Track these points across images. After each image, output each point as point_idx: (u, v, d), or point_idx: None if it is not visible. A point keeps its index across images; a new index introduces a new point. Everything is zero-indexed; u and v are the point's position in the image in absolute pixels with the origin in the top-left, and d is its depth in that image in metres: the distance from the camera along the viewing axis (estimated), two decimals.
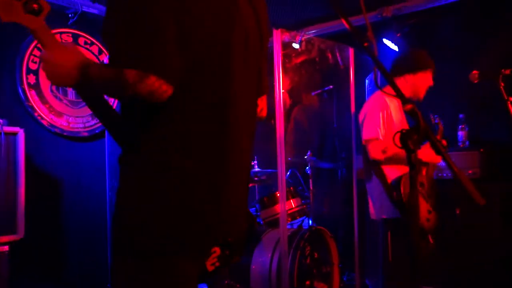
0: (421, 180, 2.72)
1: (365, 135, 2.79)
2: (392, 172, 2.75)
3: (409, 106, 1.36)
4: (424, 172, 2.79)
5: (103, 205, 4.10)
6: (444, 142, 2.82)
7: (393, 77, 2.68)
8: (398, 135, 1.38)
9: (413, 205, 1.44)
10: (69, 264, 3.92)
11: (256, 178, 4.07)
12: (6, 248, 3.02)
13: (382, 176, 2.76)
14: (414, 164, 1.38)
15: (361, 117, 2.89)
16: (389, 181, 2.74)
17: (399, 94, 1.43)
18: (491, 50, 3.76)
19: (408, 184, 2.54)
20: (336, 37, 4.30)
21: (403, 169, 2.72)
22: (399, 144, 1.40)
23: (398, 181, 2.65)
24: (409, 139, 1.37)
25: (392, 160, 2.71)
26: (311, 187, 4.00)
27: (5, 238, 3.00)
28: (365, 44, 1.47)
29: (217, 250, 1.41)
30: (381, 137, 2.73)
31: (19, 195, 3.09)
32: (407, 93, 2.86)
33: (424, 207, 2.70)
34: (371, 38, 1.49)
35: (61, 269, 3.89)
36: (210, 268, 1.41)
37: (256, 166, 4.24)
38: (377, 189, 2.82)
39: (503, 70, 2.50)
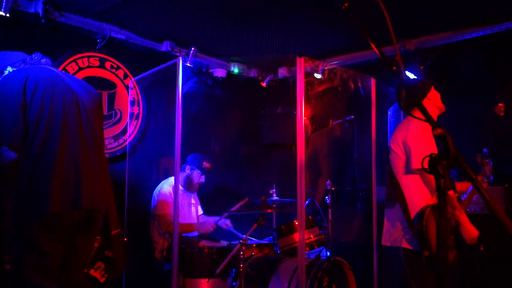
0: (447, 214, 2.65)
1: (419, 162, 2.69)
2: (416, 201, 2.69)
3: (439, 131, 1.34)
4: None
5: (120, 223, 4.07)
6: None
7: (410, 105, 2.66)
8: (427, 159, 1.36)
9: (442, 234, 1.40)
10: None
11: (274, 206, 4.03)
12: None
13: (404, 205, 2.71)
14: (444, 190, 1.35)
15: (406, 139, 2.76)
16: (411, 210, 2.68)
17: (428, 118, 1.42)
18: None
19: (431, 217, 2.51)
20: (358, 68, 4.33)
21: (427, 198, 2.67)
22: (428, 169, 1.38)
23: (422, 212, 2.59)
24: (439, 164, 1.34)
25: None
26: (330, 217, 3.94)
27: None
28: (394, 68, 1.47)
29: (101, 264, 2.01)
30: None
31: None
32: (435, 112, 2.85)
33: (449, 241, 2.63)
34: (399, 62, 1.49)
35: None
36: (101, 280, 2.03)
37: (275, 195, 4.20)
38: (398, 217, 2.76)
39: None
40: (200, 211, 4.41)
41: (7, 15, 3.49)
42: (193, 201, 4.33)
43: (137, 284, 4.05)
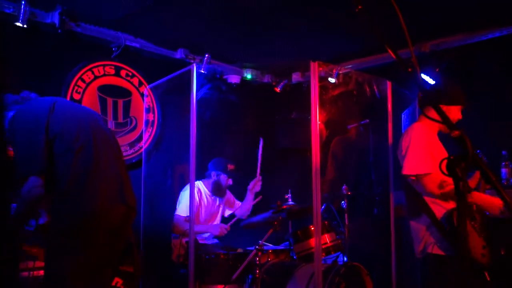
0: (472, 215, 2.61)
1: (418, 169, 2.70)
2: (439, 209, 2.66)
3: (457, 132, 1.32)
4: (474, 207, 2.68)
5: (137, 230, 4.11)
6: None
7: (426, 104, 2.65)
8: (445, 162, 1.34)
9: (463, 234, 1.37)
10: None
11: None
12: (41, 272, 3.04)
13: (429, 211, 2.67)
14: (463, 193, 1.33)
15: (403, 149, 2.81)
16: (437, 215, 2.64)
17: (445, 120, 1.40)
18: None
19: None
20: (373, 71, 4.30)
21: (450, 206, 2.64)
22: (446, 172, 1.36)
23: (450, 213, 2.56)
24: (457, 166, 1.32)
25: (448, 196, 2.62)
26: (346, 222, 3.91)
27: (41, 263, 3.04)
28: (409, 70, 1.46)
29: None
30: (434, 171, 2.64)
31: None
32: (436, 123, 2.83)
33: (478, 242, 2.57)
34: (415, 63, 1.48)
35: None
36: None
37: (290, 200, 4.18)
38: (424, 224, 2.72)
39: None
40: (228, 212, 4.44)
41: (25, 26, 3.55)
42: (218, 204, 4.35)
43: (153, 286, 4.07)
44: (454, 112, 2.85)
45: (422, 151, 2.70)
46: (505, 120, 3.89)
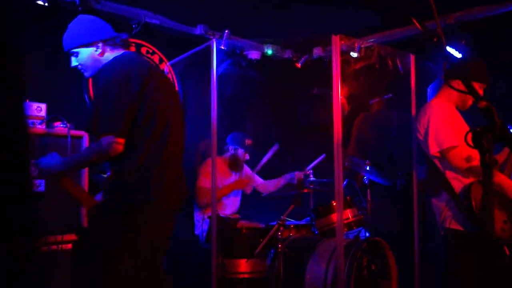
0: (495, 188, 2.57)
1: (440, 144, 2.64)
2: (457, 184, 2.62)
3: (484, 103, 1.29)
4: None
5: None
6: None
7: (452, 77, 2.58)
8: (471, 133, 1.31)
9: (488, 209, 1.35)
10: None
11: (311, 187, 4.02)
12: (69, 246, 3.14)
13: (448, 186, 2.64)
14: (489, 165, 1.30)
15: (422, 128, 2.75)
16: (457, 191, 2.61)
17: (471, 91, 1.37)
18: None
19: (479, 191, 2.44)
20: (396, 45, 4.20)
21: (470, 181, 2.60)
22: (472, 144, 1.33)
23: (467, 188, 2.52)
24: (484, 138, 1.29)
25: (475, 171, 2.57)
26: (368, 198, 3.90)
27: (69, 237, 3.12)
28: (435, 40, 1.42)
29: None
30: (460, 144, 2.59)
31: None
32: (454, 99, 2.76)
33: (499, 217, 2.54)
34: (441, 34, 1.44)
35: None
36: None
37: (312, 175, 4.18)
38: (444, 200, 2.69)
39: None
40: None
41: (46, 4, 3.58)
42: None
43: (177, 260, 4.15)
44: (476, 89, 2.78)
45: (445, 125, 2.65)
46: None
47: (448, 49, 4.11)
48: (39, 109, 3.16)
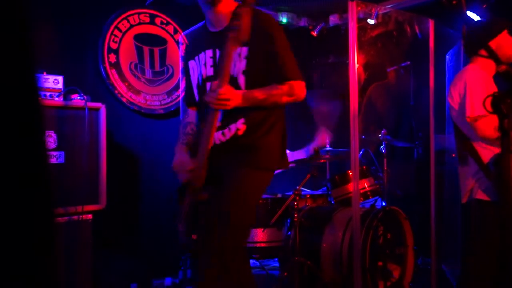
0: None
1: (472, 111, 2.55)
2: (487, 153, 2.57)
3: (503, 67, 1.26)
4: None
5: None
6: None
7: (475, 45, 2.50)
8: (490, 99, 1.28)
9: (504, 175, 1.33)
10: (145, 233, 4.12)
11: (327, 156, 4.01)
12: (90, 216, 3.21)
13: (476, 156, 2.59)
14: (508, 131, 1.28)
15: (460, 90, 2.67)
16: (485, 161, 2.56)
17: (492, 55, 1.33)
18: None
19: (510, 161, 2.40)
20: (415, 10, 4.08)
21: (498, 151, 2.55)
22: (490, 109, 1.30)
23: (497, 157, 2.48)
24: (503, 103, 1.26)
25: None
26: (385, 167, 3.87)
27: (89, 207, 3.20)
28: (454, 2, 1.38)
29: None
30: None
31: (101, 167, 3.27)
32: (489, 66, 2.66)
33: None
34: None
35: (138, 237, 4.10)
36: None
37: (328, 145, 4.17)
38: (472, 170, 2.65)
39: None
40: None
41: None
42: None
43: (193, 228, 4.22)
44: (505, 40, 2.64)
45: (479, 91, 2.55)
46: None
47: (469, 13, 3.99)
48: (56, 81, 3.18)
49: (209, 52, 2.30)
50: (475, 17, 3.98)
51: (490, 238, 2.56)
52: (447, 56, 4.06)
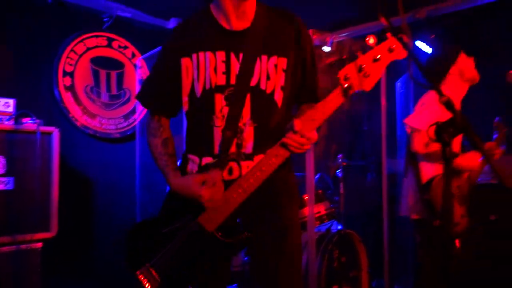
0: (459, 184, 2.64)
1: (413, 123, 2.69)
2: (428, 170, 2.68)
3: (444, 99, 1.33)
4: (466, 175, 2.70)
5: (133, 203, 4.16)
6: (498, 150, 2.66)
7: (441, 80, 2.66)
8: (433, 127, 1.35)
9: (446, 204, 1.40)
10: (100, 261, 3.99)
11: None
12: (39, 245, 3.09)
13: (417, 173, 2.70)
14: (449, 158, 1.34)
15: (418, 105, 2.82)
16: (424, 179, 2.67)
17: (433, 86, 1.40)
18: None
19: (440, 186, 2.51)
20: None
21: (439, 170, 2.66)
22: (433, 137, 1.37)
23: (431, 181, 2.59)
24: (445, 132, 1.33)
25: (431, 158, 2.64)
26: (341, 191, 3.95)
27: (39, 235, 3.07)
28: (399, 36, 1.45)
29: None
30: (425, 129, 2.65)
31: (52, 193, 3.17)
32: (464, 86, 2.80)
33: (458, 211, 2.62)
34: (406, 30, 1.47)
35: (92, 266, 3.96)
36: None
37: None
38: (412, 186, 2.76)
39: None
40: None
41: None
42: None
43: None
44: (464, 73, 2.80)
45: (429, 109, 2.68)
46: (501, 85, 3.87)
47: (419, 43, 4.19)
48: (7, 104, 3.09)
49: (220, 55, 1.81)
50: (424, 47, 4.19)
51: (430, 255, 2.67)
52: (397, 83, 4.23)
